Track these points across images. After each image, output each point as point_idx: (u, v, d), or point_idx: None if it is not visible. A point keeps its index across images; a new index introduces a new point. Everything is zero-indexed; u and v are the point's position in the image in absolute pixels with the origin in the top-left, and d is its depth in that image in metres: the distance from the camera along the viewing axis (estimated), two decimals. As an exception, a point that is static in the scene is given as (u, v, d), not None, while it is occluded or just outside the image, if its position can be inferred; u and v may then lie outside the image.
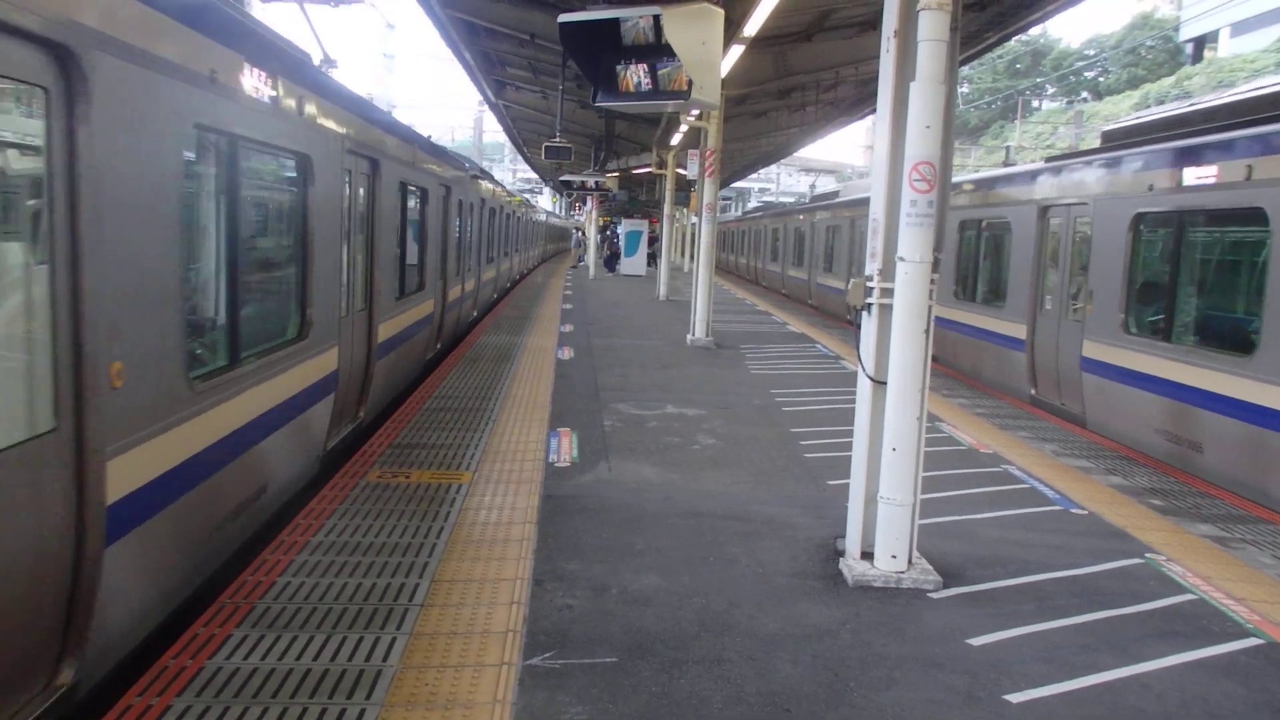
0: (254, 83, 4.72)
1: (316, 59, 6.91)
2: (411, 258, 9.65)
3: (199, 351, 4.49)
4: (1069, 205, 9.38)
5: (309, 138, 5.72)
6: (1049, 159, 10.54)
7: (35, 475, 3.02)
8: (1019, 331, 10.18)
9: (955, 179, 12.88)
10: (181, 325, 3.96)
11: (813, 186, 49.51)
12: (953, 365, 12.29)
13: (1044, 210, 9.87)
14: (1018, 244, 10.37)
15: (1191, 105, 8.63)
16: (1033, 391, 9.89)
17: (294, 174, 5.78)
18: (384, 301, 7.99)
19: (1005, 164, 23.89)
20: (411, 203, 9.48)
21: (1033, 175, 10.35)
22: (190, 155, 4.20)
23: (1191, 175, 7.36)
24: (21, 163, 3.13)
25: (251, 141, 4.80)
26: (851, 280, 4.63)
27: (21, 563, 2.98)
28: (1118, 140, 9.15)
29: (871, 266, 4.55)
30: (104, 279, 3.28)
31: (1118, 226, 8.32)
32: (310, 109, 5.74)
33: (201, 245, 4.57)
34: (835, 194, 24.77)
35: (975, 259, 12.08)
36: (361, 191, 7.32)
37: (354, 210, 7.05)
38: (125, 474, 3.49)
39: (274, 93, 5.02)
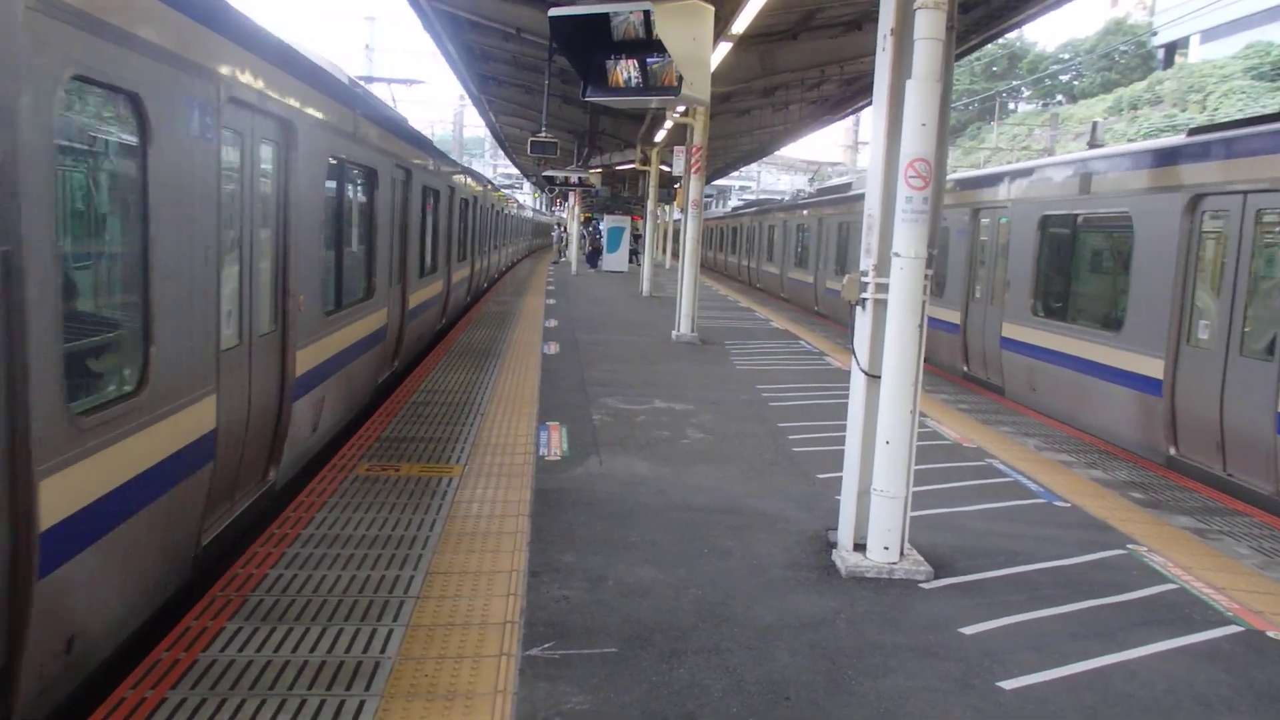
0: (441, 168, 12.61)
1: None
2: (463, 242, 16.04)
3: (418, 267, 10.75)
4: (1248, 193, 6.70)
5: (443, 184, 12.84)
6: (1196, 130, 7.67)
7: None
8: (1150, 368, 7.49)
9: (1036, 163, 10.65)
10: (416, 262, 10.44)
11: (811, 180, 46.40)
12: (1027, 401, 9.65)
13: (1195, 201, 7.19)
14: (1146, 247, 7.73)
15: None
16: (1172, 450, 7.26)
17: (434, 200, 12.12)
18: (455, 263, 14.51)
19: (1092, 144, 20.02)
20: (462, 210, 15.64)
21: (1172, 155, 7.61)
22: (427, 203, 11.55)
23: None
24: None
25: (430, 190, 11.57)
26: (847, 276, 4.68)
27: (270, 397, 5.47)
28: None
29: (867, 262, 4.60)
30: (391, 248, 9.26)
31: None
32: (447, 171, 13.23)
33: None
34: (847, 186, 21.65)
35: (1069, 266, 9.35)
36: (447, 204, 13.49)
37: (448, 214, 13.61)
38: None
39: (440, 166, 12.58)
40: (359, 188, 7.99)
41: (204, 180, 4.21)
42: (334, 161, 6.69)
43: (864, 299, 4.62)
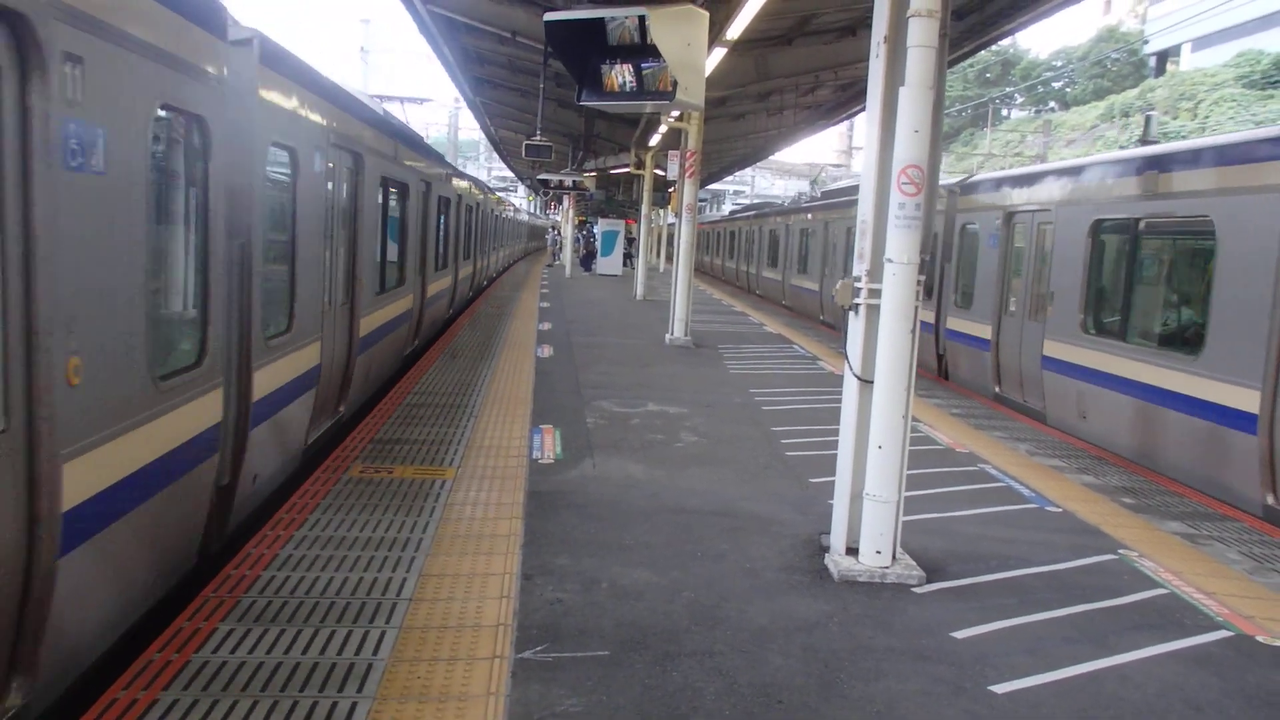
0: (451, 178, 14.89)
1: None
2: (468, 243, 18.28)
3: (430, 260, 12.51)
4: None
5: (452, 193, 14.71)
6: None
7: (348, 316, 7.45)
8: (1240, 400, 6.40)
9: (1087, 160, 9.39)
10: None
11: (814, 183, 42.21)
12: (1075, 430, 8.55)
13: None
14: (1233, 257, 6.63)
15: None
16: (1270, 499, 6.28)
17: (446, 207, 14.15)
18: (461, 261, 16.61)
19: (1145, 140, 18.43)
20: (468, 214, 17.93)
21: (1270, 147, 6.53)
22: (465, 215, 17.20)
23: None
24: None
25: (443, 199, 13.62)
26: (840, 281, 4.70)
27: (344, 350, 7.33)
28: None
29: (859, 267, 4.63)
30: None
31: None
32: (455, 181, 15.30)
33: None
34: (854, 189, 19.38)
35: (1128, 277, 8.23)
36: (455, 210, 15.43)
37: (457, 219, 15.70)
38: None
39: (450, 177, 14.74)
40: (396, 199, 9.98)
41: (321, 197, 6.43)
42: (382, 180, 8.69)
43: (856, 304, 4.64)
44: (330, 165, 6.62)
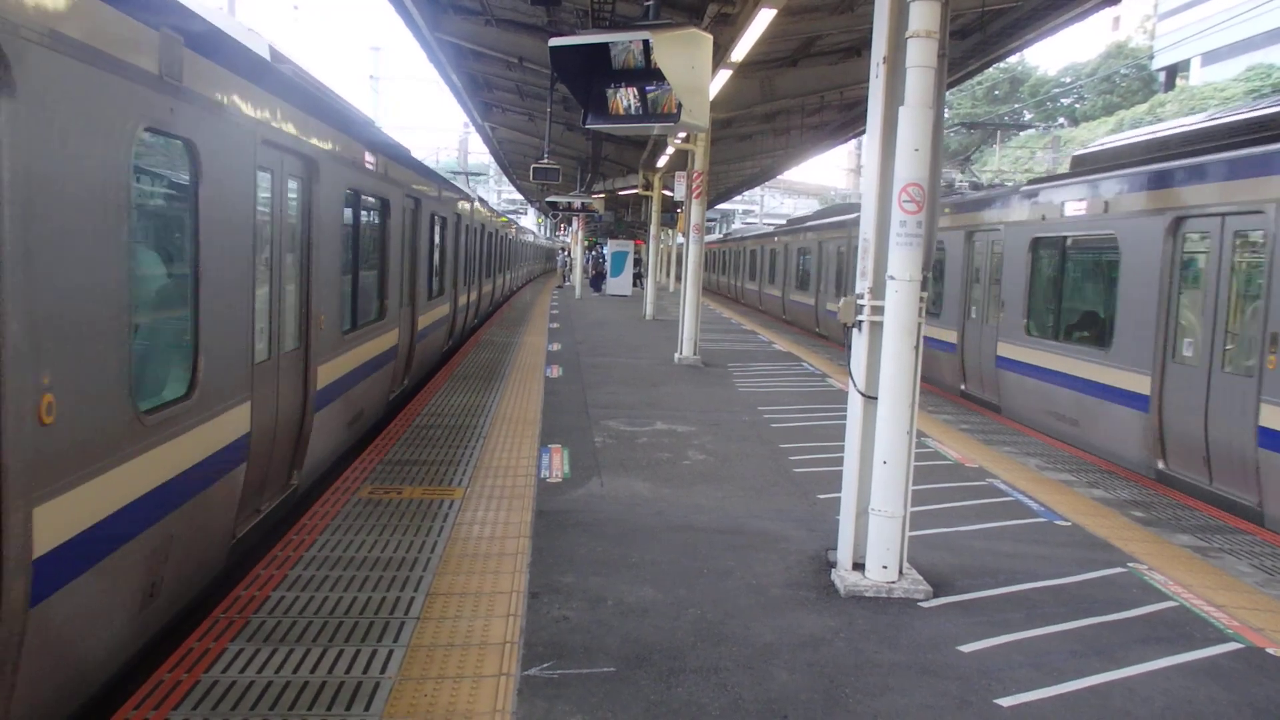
0: (458, 201, 14.69)
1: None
2: (476, 264, 18.46)
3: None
4: None
5: (476, 219, 17.33)
6: None
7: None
8: None
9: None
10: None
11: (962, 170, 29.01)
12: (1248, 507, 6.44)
13: None
14: None
15: None
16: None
17: (473, 232, 16.63)
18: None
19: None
20: (475, 237, 18.05)
21: None
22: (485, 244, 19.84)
23: None
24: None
25: (453, 223, 13.93)
26: (843, 298, 4.74)
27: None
28: None
29: (862, 285, 4.67)
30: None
31: None
32: (459, 200, 14.84)
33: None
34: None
35: None
36: (465, 234, 15.77)
37: (499, 244, 21.97)
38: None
39: (456, 199, 14.41)
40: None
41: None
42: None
43: (860, 321, 4.68)
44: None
